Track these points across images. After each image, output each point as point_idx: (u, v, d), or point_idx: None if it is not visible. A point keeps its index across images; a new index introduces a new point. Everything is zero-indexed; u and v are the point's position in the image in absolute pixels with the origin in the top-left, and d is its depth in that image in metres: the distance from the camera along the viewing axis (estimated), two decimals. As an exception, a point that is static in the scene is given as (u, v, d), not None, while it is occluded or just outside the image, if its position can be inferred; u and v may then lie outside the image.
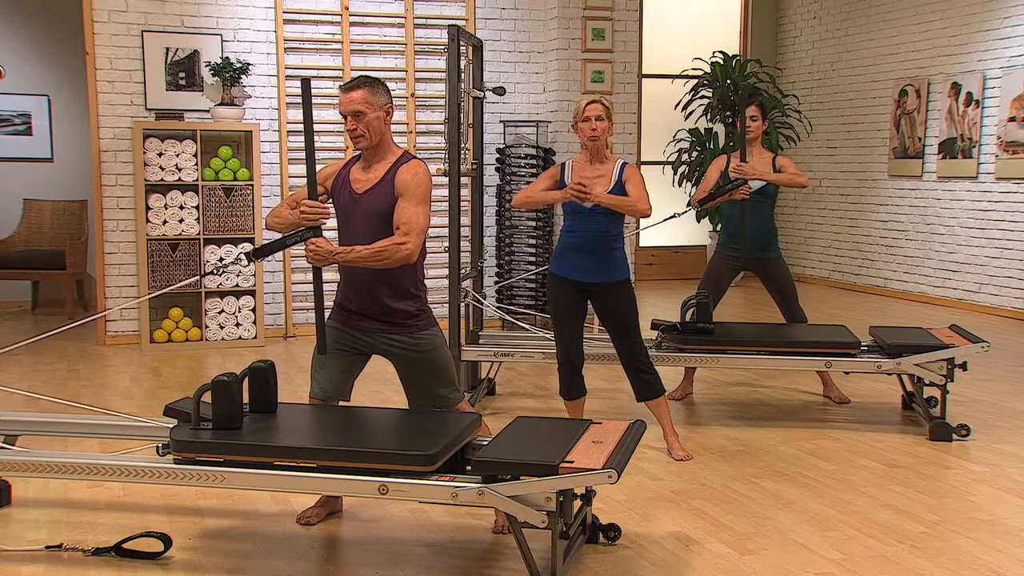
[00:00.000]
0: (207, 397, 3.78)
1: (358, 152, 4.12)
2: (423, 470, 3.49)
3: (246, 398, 3.96)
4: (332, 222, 4.00)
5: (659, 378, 5.18)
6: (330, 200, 4.16)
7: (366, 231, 3.95)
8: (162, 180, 7.99)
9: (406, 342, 4.08)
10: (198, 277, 5.12)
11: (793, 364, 5.83)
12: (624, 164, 5.06)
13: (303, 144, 8.36)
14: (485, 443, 3.84)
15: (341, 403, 4.25)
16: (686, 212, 6.60)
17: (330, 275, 4.32)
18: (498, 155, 8.92)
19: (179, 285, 5.22)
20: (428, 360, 4.11)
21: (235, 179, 8.13)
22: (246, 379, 3.95)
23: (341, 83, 4.01)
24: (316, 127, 8.48)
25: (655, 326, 5.83)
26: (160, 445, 3.91)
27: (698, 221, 11.58)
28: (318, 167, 4.09)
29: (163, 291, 5.81)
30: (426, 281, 4.20)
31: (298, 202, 4.02)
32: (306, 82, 3.90)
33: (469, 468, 3.75)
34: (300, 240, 3.93)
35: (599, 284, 5.06)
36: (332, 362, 4.16)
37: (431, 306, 4.21)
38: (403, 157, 4.08)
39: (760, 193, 6.19)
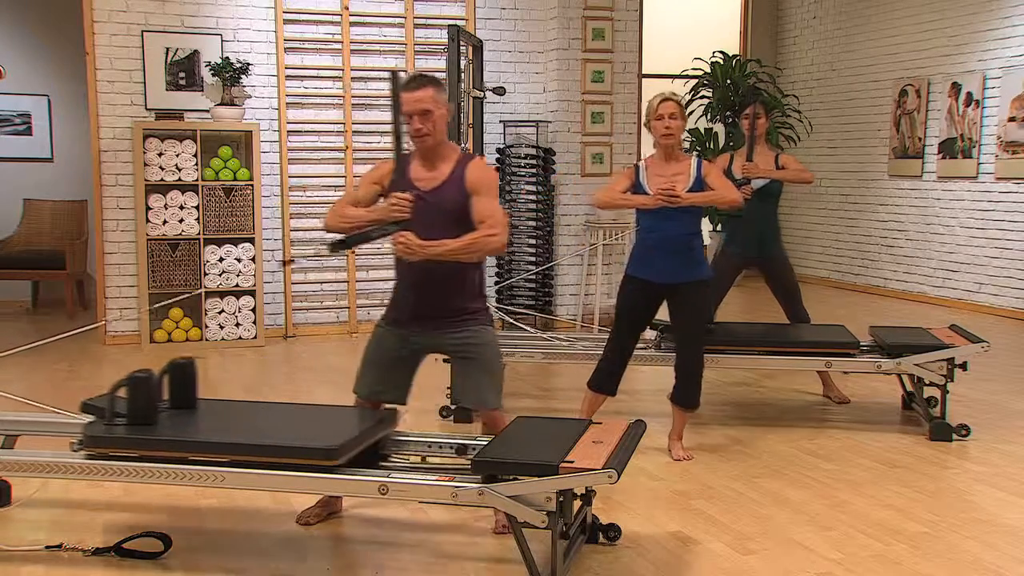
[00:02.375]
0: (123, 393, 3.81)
1: (407, 152, 4.08)
2: (326, 464, 3.54)
3: (169, 394, 4.01)
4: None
5: (700, 392, 5.15)
6: (381, 198, 4.15)
7: (434, 228, 3.91)
8: (162, 180, 7.98)
9: (467, 337, 4.10)
10: (283, 262, 5.13)
11: (792, 364, 5.83)
12: (700, 160, 5.04)
13: (302, 144, 8.51)
14: (481, 442, 3.87)
15: (393, 405, 4.25)
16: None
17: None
18: (498, 155, 8.92)
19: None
20: (483, 356, 4.11)
21: (235, 179, 8.13)
22: (166, 376, 3.99)
23: (402, 83, 3.97)
24: (316, 127, 8.64)
25: (654, 326, 5.82)
26: (74, 441, 3.89)
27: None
28: (315, 168, 4.09)
29: (176, 298, 5.81)
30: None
31: (357, 201, 4.08)
32: (395, 76, 3.94)
33: (382, 464, 3.87)
34: (386, 234, 3.93)
35: (681, 284, 5.00)
36: (383, 365, 4.19)
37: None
38: (467, 155, 4.12)
39: (764, 192, 6.18)
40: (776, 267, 6.34)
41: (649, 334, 5.63)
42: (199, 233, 8.07)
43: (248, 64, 8.14)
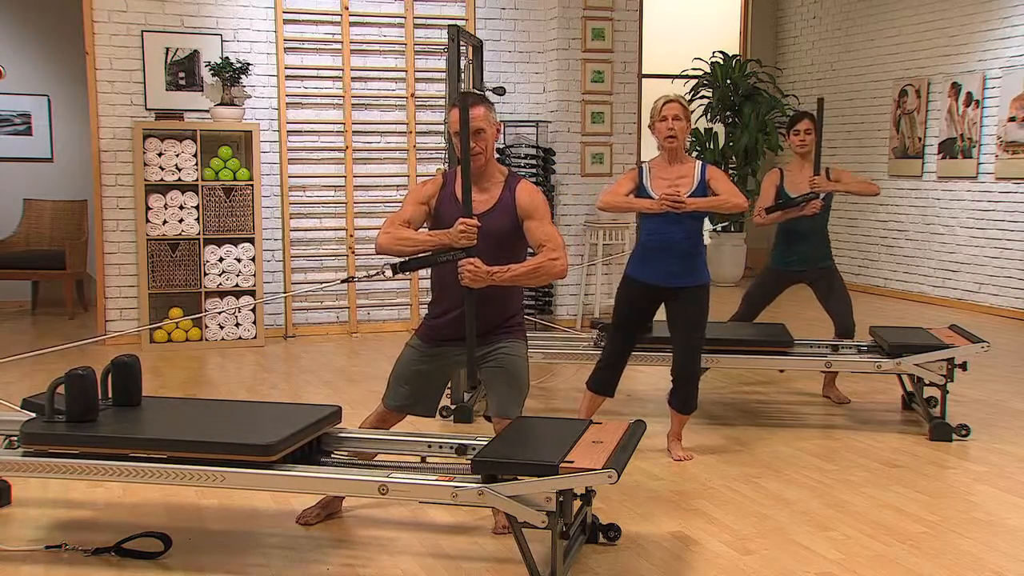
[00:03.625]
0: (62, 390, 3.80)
1: (449, 170, 4.06)
2: (263, 460, 3.55)
3: (112, 392, 4.01)
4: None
5: (697, 397, 5.14)
6: (430, 217, 4.14)
7: (485, 249, 3.89)
8: (162, 180, 7.98)
9: (500, 348, 4.12)
10: (344, 279, 5.18)
11: (735, 362, 5.87)
12: (705, 164, 5.00)
13: (302, 144, 8.51)
14: (481, 442, 3.85)
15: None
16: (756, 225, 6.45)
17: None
18: (498, 155, 8.79)
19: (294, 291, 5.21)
20: (512, 367, 4.12)
21: (235, 179, 8.12)
22: (109, 374, 3.99)
23: (451, 101, 3.93)
24: (316, 127, 8.62)
25: (593, 324, 5.82)
26: (10, 438, 3.89)
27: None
28: (314, 168, 4.07)
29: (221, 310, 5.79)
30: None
31: (407, 221, 4.05)
32: (464, 96, 3.92)
33: (324, 460, 3.88)
34: (452, 260, 3.90)
35: (683, 287, 4.97)
36: (416, 381, 4.24)
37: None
38: (512, 176, 4.13)
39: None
40: (827, 280, 6.24)
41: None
42: (199, 233, 8.07)
43: (248, 64, 8.14)
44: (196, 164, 8.02)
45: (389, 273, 4.05)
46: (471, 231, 3.85)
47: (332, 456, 4.00)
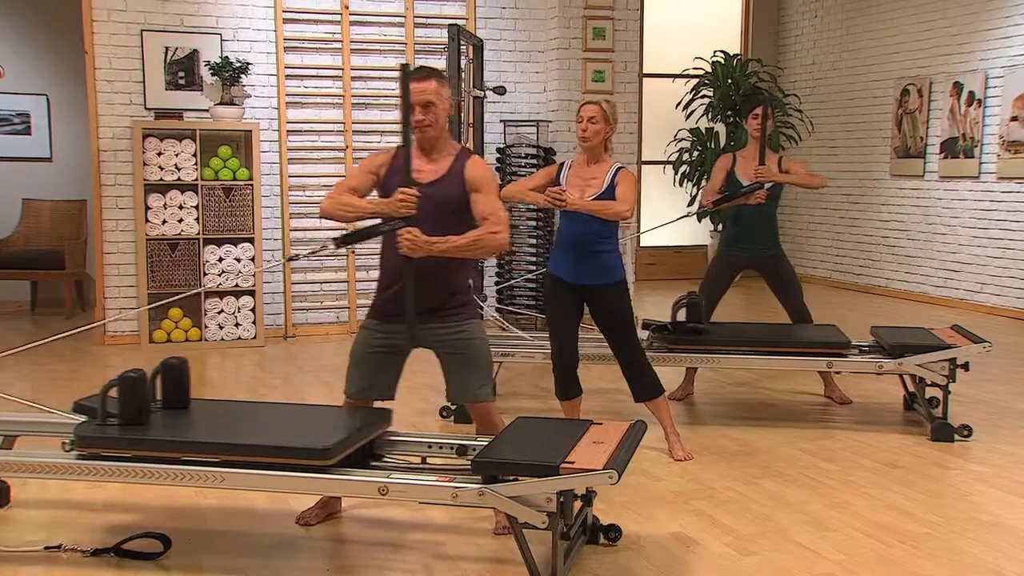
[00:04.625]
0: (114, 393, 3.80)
1: (400, 144, 4.03)
2: (319, 464, 3.53)
3: (162, 394, 4.00)
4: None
5: (657, 378, 5.15)
6: (379, 187, 4.14)
7: (430, 221, 3.90)
8: (161, 180, 7.96)
9: (454, 330, 4.09)
10: (286, 260, 5.15)
11: (784, 364, 5.82)
12: (619, 168, 5.02)
13: (302, 144, 8.50)
14: (481, 443, 3.86)
15: (383, 402, 4.24)
16: (696, 214, 6.56)
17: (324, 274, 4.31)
18: (499, 155, 8.91)
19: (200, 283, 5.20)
20: (471, 349, 4.11)
21: (235, 179, 8.11)
22: (158, 376, 3.98)
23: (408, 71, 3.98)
24: (316, 127, 8.61)
25: (646, 326, 5.81)
26: (65, 441, 3.86)
27: (699, 221, 11.54)
28: (314, 167, 4.08)
29: (183, 295, 5.79)
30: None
31: (354, 189, 4.06)
32: (404, 68, 3.91)
33: (374, 464, 3.86)
34: (392, 229, 3.91)
35: (590, 286, 5.03)
36: (370, 362, 4.18)
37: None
38: (464, 151, 4.14)
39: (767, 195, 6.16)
40: (777, 267, 6.31)
41: (641, 334, 5.60)
42: (199, 233, 8.05)
43: (248, 63, 8.11)
44: (196, 164, 8.00)
45: (332, 247, 4.08)
46: (410, 200, 3.85)
47: (383, 460, 3.98)
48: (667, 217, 6.93)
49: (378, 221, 4.00)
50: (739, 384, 6.81)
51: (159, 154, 7.96)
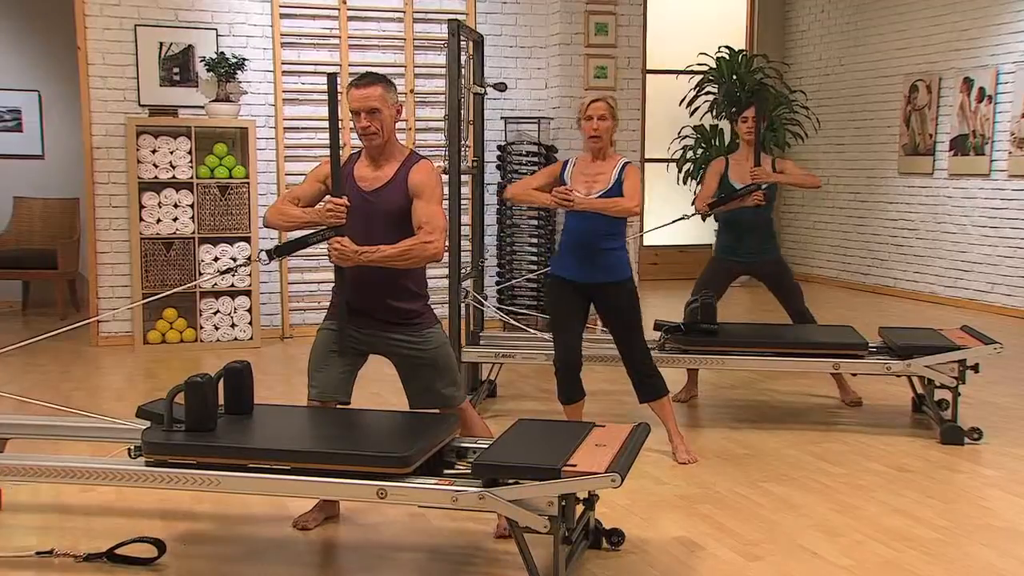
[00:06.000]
0: (180, 399, 3.76)
1: (357, 150, 4.10)
2: (398, 472, 3.48)
3: (224, 399, 3.96)
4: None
5: (662, 379, 5.15)
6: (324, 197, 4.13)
7: (375, 229, 3.94)
8: (156, 178, 7.90)
9: (410, 341, 4.09)
10: (211, 276, 5.09)
11: (800, 366, 5.77)
12: (625, 164, 5.02)
13: (299, 141, 8.42)
14: (481, 445, 3.85)
15: (339, 405, 4.21)
16: (692, 216, 6.47)
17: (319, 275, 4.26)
18: (499, 152, 8.86)
19: (182, 287, 5.13)
20: (431, 358, 4.12)
21: (230, 177, 8.05)
22: (221, 380, 3.94)
23: (351, 80, 4.04)
24: (314, 124, 8.53)
25: (658, 327, 5.75)
26: (132, 447, 3.88)
27: (703, 220, 11.43)
28: (311, 165, 4.06)
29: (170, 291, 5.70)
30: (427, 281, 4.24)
31: (297, 198, 4.10)
32: (332, 77, 3.96)
33: (447, 472, 3.79)
34: (323, 239, 3.96)
35: (598, 284, 5.02)
36: (330, 364, 4.16)
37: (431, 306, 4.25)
38: (412, 156, 4.12)
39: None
40: (774, 270, 6.27)
41: (652, 335, 5.54)
42: (194, 232, 7.99)
43: (244, 59, 8.04)
44: (191, 161, 7.94)
45: (264, 258, 4.10)
46: (338, 210, 3.87)
47: (455, 466, 3.93)
48: (671, 216, 6.83)
49: (311, 231, 4.03)
50: (744, 386, 6.76)
51: (153, 151, 7.89)
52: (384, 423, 4.10)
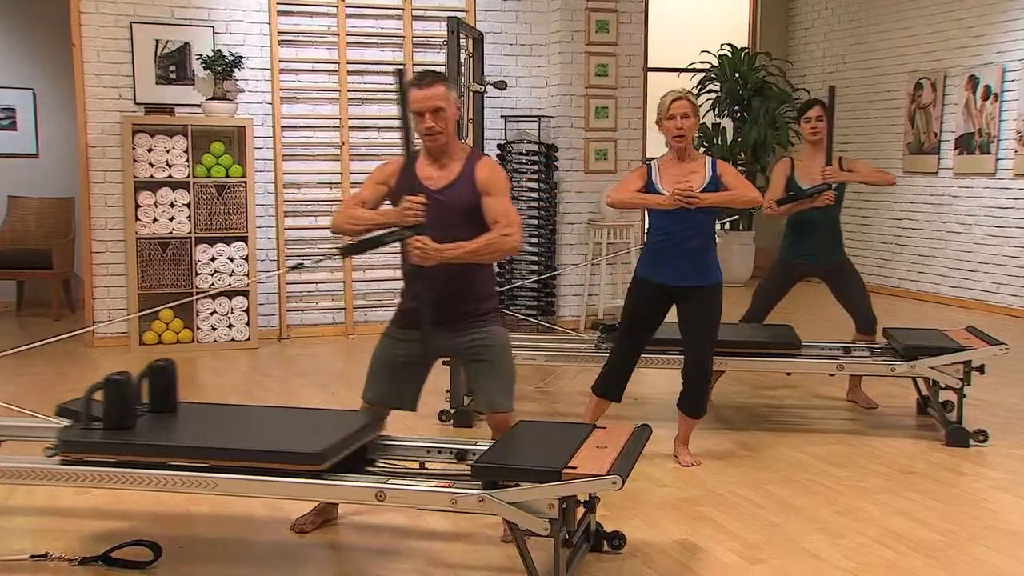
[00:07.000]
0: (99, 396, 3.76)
1: (416, 149, 4.04)
2: (311, 469, 3.51)
3: (149, 397, 4.00)
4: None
5: (707, 401, 5.14)
6: (389, 198, 4.12)
7: (445, 227, 3.89)
8: (152, 177, 7.85)
9: (479, 339, 4.06)
10: (290, 268, 5.09)
11: (732, 364, 5.72)
12: (715, 159, 4.97)
13: (297, 140, 8.36)
14: (479, 447, 3.85)
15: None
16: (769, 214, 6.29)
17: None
18: (499, 151, 8.81)
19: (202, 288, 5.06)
20: (494, 357, 4.08)
21: (227, 176, 8.00)
22: (145, 378, 3.95)
23: (411, 80, 4.01)
24: (313, 123, 8.49)
25: (594, 326, 5.75)
26: (47, 446, 3.81)
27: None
28: (310, 164, 3.98)
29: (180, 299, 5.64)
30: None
31: (364, 201, 4.05)
32: (400, 73, 3.97)
33: (368, 469, 3.84)
34: (400, 239, 3.90)
35: (689, 287, 4.89)
36: (392, 371, 4.16)
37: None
38: (474, 153, 4.12)
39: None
40: (844, 273, 6.14)
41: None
42: (190, 232, 7.94)
43: (241, 57, 7.97)
44: (187, 160, 7.89)
45: (338, 255, 4.04)
46: (417, 208, 3.84)
47: (376, 464, 3.94)
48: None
49: (386, 231, 3.99)
50: (748, 387, 6.72)
51: (149, 150, 7.84)
52: (306, 421, 4.08)
